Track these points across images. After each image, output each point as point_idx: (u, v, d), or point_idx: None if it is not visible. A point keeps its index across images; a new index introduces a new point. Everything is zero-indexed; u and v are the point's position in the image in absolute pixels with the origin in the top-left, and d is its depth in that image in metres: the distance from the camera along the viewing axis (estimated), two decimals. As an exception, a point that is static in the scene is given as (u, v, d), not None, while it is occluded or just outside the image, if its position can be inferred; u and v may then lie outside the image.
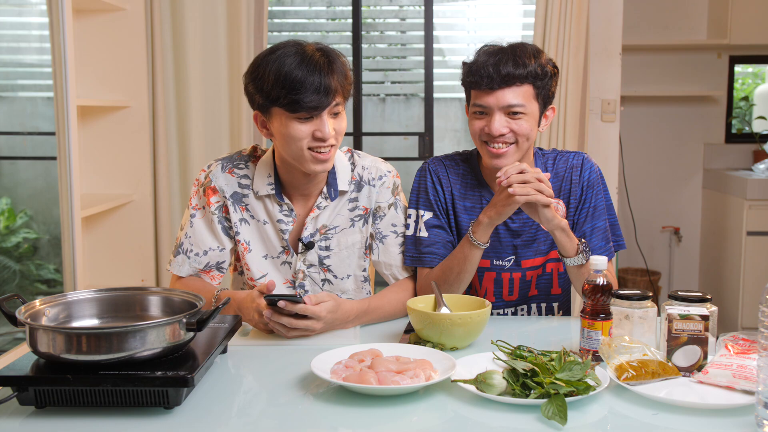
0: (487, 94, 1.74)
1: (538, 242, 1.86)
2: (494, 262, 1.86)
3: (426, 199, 1.88)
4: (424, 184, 1.90)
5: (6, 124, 3.40)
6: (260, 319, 1.59)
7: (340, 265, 1.86)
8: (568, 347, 1.41)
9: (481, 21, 4.24)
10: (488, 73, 1.72)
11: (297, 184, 1.80)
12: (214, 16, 3.30)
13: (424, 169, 1.92)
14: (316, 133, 1.66)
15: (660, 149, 4.58)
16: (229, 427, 1.20)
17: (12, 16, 3.43)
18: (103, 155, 3.27)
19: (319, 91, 1.62)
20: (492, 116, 1.74)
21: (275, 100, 1.64)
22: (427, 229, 1.86)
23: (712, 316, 1.39)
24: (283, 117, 1.66)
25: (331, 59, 1.67)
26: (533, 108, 1.76)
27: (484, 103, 1.75)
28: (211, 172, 1.83)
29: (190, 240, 1.82)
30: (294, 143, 1.67)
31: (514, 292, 1.89)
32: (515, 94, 1.73)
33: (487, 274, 1.88)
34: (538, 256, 1.87)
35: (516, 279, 1.87)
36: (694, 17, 4.43)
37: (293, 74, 1.61)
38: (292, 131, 1.66)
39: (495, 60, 1.73)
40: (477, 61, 1.76)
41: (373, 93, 4.31)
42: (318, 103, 1.63)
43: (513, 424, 1.19)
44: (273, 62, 1.64)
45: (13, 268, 3.38)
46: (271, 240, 1.83)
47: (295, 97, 1.61)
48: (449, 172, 1.90)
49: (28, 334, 1.24)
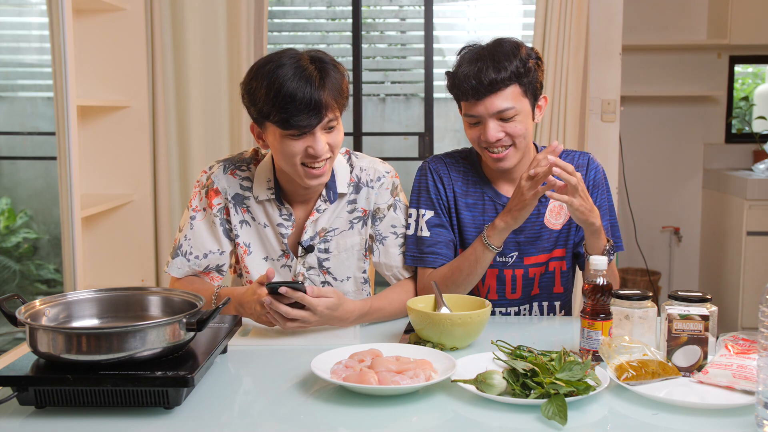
0: (476, 104, 1.73)
1: (542, 240, 1.86)
2: (497, 258, 1.85)
3: (427, 197, 1.87)
4: (425, 183, 1.89)
5: (6, 124, 3.40)
6: (262, 310, 1.57)
7: (339, 267, 1.85)
8: (568, 347, 1.41)
9: (481, 21, 4.24)
10: (471, 85, 1.71)
11: (296, 191, 1.80)
12: (214, 16, 3.30)
13: (425, 168, 1.91)
14: (308, 150, 1.64)
15: (660, 149, 4.58)
16: (229, 427, 1.20)
17: (12, 16, 3.42)
18: (103, 155, 3.27)
19: (311, 108, 1.59)
20: (485, 124, 1.74)
21: (267, 115, 1.62)
22: (428, 228, 1.85)
23: (712, 316, 1.39)
24: (276, 132, 1.65)
25: (325, 72, 1.63)
26: (524, 106, 1.75)
27: (474, 113, 1.75)
28: (213, 174, 1.82)
29: (190, 242, 1.82)
30: (287, 159, 1.66)
31: (517, 290, 1.88)
32: (503, 98, 1.72)
33: (490, 270, 1.86)
34: (542, 254, 1.87)
35: (519, 276, 1.86)
36: (694, 17, 4.43)
37: (284, 89, 1.57)
38: (284, 147, 1.64)
39: (476, 69, 1.71)
40: (458, 73, 1.75)
41: (373, 93, 4.31)
42: (309, 122, 1.60)
43: (513, 424, 1.19)
44: (266, 76, 1.61)
45: (13, 268, 3.38)
46: (271, 243, 1.83)
47: (285, 116, 1.59)
48: (450, 170, 1.89)
49: (28, 334, 1.24)
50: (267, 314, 1.57)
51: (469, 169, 1.90)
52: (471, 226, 1.86)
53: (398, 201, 1.88)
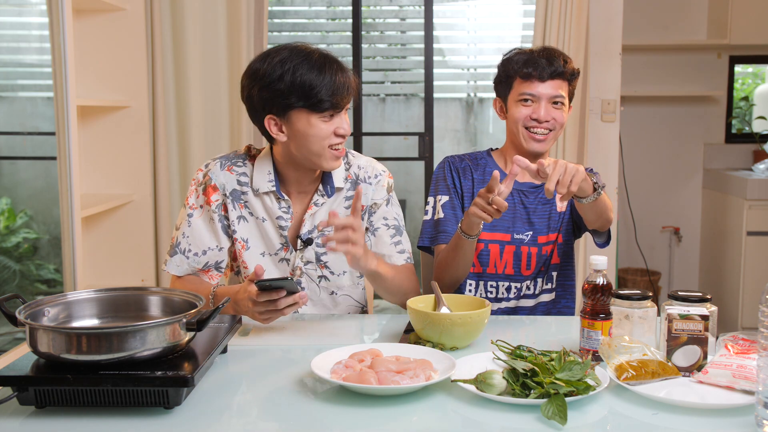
0: (539, 84, 1.93)
1: (552, 220, 2.01)
2: (515, 236, 1.99)
3: (444, 185, 2.03)
4: (442, 174, 2.05)
5: (6, 124, 3.40)
6: (255, 308, 1.57)
7: (336, 262, 1.87)
8: (568, 347, 1.41)
9: (481, 21, 4.24)
10: (543, 65, 1.92)
11: (300, 181, 1.83)
12: (214, 16, 3.30)
13: (444, 162, 2.08)
14: (338, 131, 1.73)
15: (660, 149, 4.58)
16: (229, 427, 1.20)
17: (12, 16, 3.42)
18: (103, 155, 3.27)
19: (342, 88, 1.70)
20: (539, 104, 1.93)
21: (297, 101, 1.68)
22: (443, 210, 2.00)
23: (712, 316, 1.39)
24: (306, 118, 1.70)
25: (336, 59, 1.74)
26: (567, 102, 1.98)
27: (534, 91, 1.93)
28: (210, 171, 1.83)
29: (188, 240, 1.82)
30: (317, 142, 1.72)
31: (531, 266, 2.00)
32: (560, 87, 1.95)
33: (509, 247, 1.98)
34: (552, 233, 2.01)
35: (533, 254, 1.99)
36: (694, 17, 4.43)
37: (314, 76, 1.68)
38: (315, 131, 1.71)
39: (546, 55, 1.94)
40: (530, 56, 1.94)
41: (373, 93, 4.31)
42: (340, 101, 1.71)
43: (513, 424, 1.19)
44: (285, 66, 1.68)
45: (13, 268, 3.38)
46: (270, 237, 1.83)
47: (321, 97, 1.68)
48: (470, 165, 2.05)
49: (28, 334, 1.24)
50: (260, 312, 1.57)
51: (487, 164, 2.06)
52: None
53: (391, 197, 1.93)
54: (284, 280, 1.52)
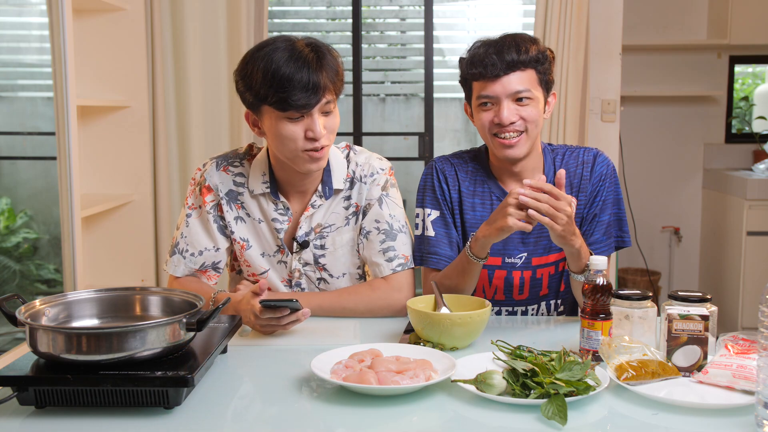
0: (493, 83, 1.71)
1: (549, 240, 1.80)
2: (506, 260, 1.82)
3: (432, 197, 1.86)
4: (430, 183, 1.87)
5: (6, 124, 3.39)
6: (257, 321, 1.59)
7: (335, 264, 1.85)
8: (568, 347, 1.41)
9: (481, 21, 4.24)
10: (492, 61, 1.69)
11: (292, 182, 1.79)
12: (214, 16, 3.30)
13: (430, 168, 1.89)
14: (308, 133, 1.64)
15: (660, 149, 4.58)
16: (228, 427, 1.20)
17: (12, 16, 3.42)
18: (103, 155, 3.27)
19: (308, 88, 1.59)
20: (500, 105, 1.72)
21: (264, 98, 1.62)
22: (433, 228, 1.83)
23: (712, 316, 1.39)
24: (273, 116, 1.64)
25: (321, 54, 1.63)
26: (538, 94, 1.74)
27: (490, 92, 1.72)
28: (206, 171, 1.82)
29: (186, 240, 1.82)
30: (287, 144, 1.65)
31: (525, 291, 1.86)
32: (521, 80, 1.71)
33: (498, 272, 1.84)
34: (551, 254, 1.83)
35: (527, 278, 1.83)
36: (694, 17, 4.43)
37: (281, 71, 1.58)
38: (283, 131, 1.64)
39: (497, 48, 1.71)
40: (478, 52, 1.73)
41: (373, 93, 4.31)
42: (307, 101, 1.60)
43: (513, 424, 1.19)
44: (261, 59, 1.61)
45: (13, 268, 3.37)
46: (267, 239, 1.82)
47: (283, 95, 1.59)
48: (457, 170, 1.87)
49: (28, 334, 1.24)
50: (263, 325, 1.60)
51: (478, 168, 1.87)
52: (478, 227, 1.83)
53: (385, 195, 1.83)
54: (289, 302, 1.54)
